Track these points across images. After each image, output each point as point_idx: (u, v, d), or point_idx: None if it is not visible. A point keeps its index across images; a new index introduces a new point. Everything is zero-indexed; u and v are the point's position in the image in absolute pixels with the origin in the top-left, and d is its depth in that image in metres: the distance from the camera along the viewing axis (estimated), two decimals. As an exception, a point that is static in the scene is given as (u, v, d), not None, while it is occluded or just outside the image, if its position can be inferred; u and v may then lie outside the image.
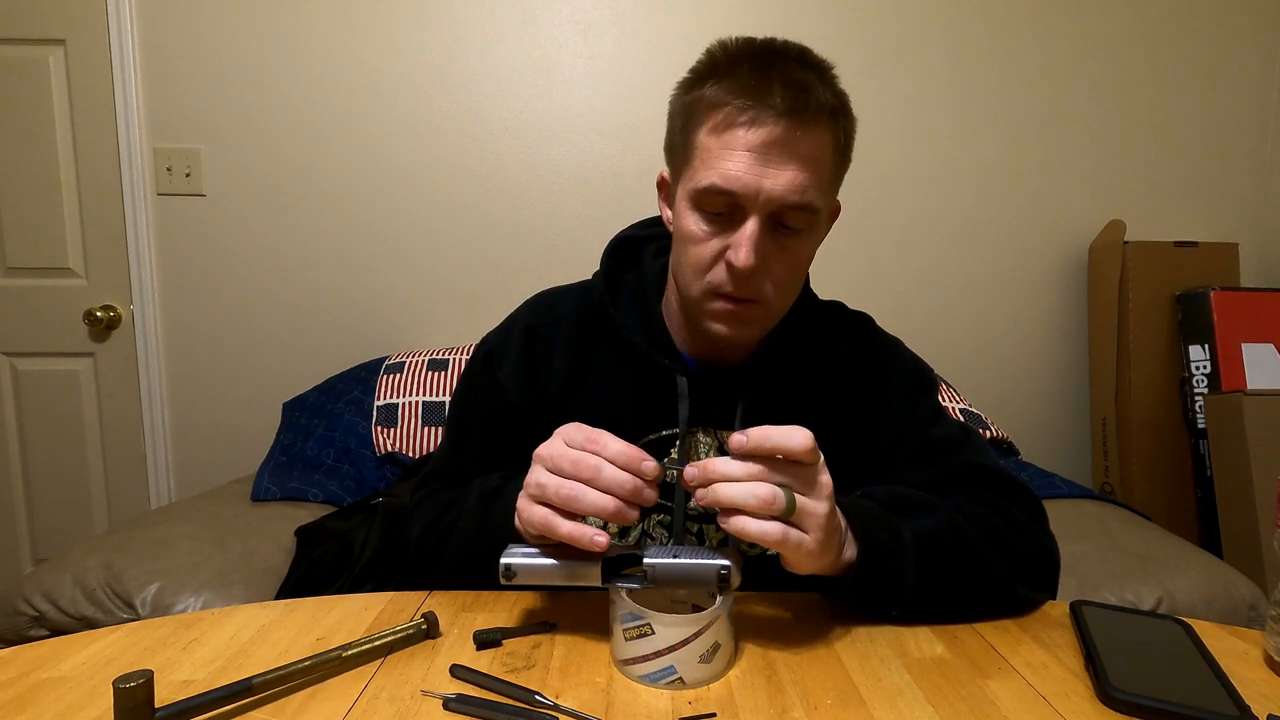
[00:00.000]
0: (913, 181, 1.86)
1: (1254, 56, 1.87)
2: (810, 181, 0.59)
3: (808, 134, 0.58)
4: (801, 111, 0.57)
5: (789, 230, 0.62)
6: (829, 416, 0.70)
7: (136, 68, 1.76)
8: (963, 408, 1.55)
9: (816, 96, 0.58)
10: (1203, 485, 1.71)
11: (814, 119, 0.58)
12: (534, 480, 0.53)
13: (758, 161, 0.58)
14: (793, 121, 0.57)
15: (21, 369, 1.85)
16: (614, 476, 0.51)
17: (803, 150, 0.58)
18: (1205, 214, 1.90)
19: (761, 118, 0.57)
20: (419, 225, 1.84)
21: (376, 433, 1.51)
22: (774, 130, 0.57)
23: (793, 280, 0.66)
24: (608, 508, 0.50)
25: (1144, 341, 1.78)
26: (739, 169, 0.58)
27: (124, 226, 1.80)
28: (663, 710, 0.48)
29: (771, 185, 0.58)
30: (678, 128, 0.65)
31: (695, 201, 0.62)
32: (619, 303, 0.72)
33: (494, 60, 1.80)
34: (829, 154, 0.61)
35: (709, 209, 0.61)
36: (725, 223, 0.61)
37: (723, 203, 0.60)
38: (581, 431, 0.53)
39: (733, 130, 0.58)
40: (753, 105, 0.58)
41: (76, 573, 1.03)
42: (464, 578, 0.66)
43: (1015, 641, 0.58)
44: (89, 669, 0.53)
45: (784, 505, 0.49)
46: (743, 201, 0.59)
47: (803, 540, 0.51)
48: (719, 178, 0.59)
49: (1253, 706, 0.46)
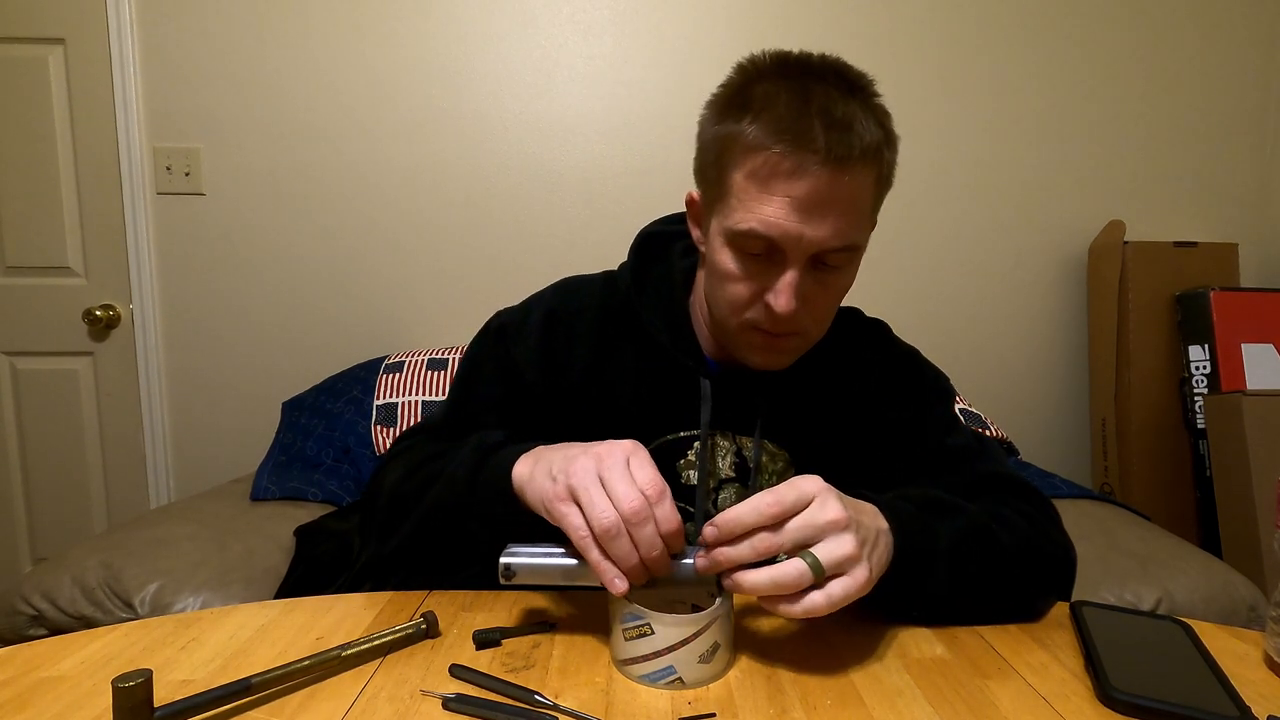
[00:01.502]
0: (912, 182, 1.86)
1: (1254, 56, 1.87)
2: (852, 224, 0.59)
3: (851, 178, 0.57)
4: (845, 159, 0.55)
5: (829, 268, 0.61)
6: (847, 424, 0.70)
7: (136, 67, 1.76)
8: (963, 408, 1.55)
9: (860, 137, 0.56)
10: (1202, 485, 1.71)
11: (858, 161, 0.57)
12: (580, 481, 0.50)
13: (799, 209, 0.56)
14: (836, 169, 0.55)
15: (21, 368, 1.85)
16: (650, 539, 0.49)
17: (845, 195, 0.57)
18: (1205, 214, 1.90)
19: (804, 166, 0.55)
20: (419, 224, 1.84)
21: (376, 432, 1.51)
22: (817, 181, 0.56)
23: (832, 312, 0.66)
24: (631, 562, 0.49)
25: (1144, 341, 1.78)
26: (779, 217, 0.57)
27: (124, 226, 1.80)
28: (662, 710, 0.48)
29: (813, 234, 0.57)
30: (711, 160, 0.63)
31: (732, 240, 0.60)
32: (645, 299, 0.71)
33: (494, 60, 1.80)
34: (871, 190, 0.61)
35: (747, 250, 0.60)
36: (764, 263, 0.60)
37: (761, 245, 0.59)
38: (645, 471, 0.50)
39: (774, 180, 0.57)
40: (794, 153, 0.55)
41: (76, 572, 1.03)
42: (431, 536, 0.63)
43: (1015, 642, 0.58)
44: (88, 668, 0.53)
45: (812, 576, 0.47)
46: (783, 246, 0.58)
47: (849, 587, 0.48)
48: (759, 224, 0.57)
49: (1252, 707, 0.46)
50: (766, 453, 0.70)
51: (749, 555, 0.49)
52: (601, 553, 0.50)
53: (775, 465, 0.71)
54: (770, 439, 0.70)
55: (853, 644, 0.57)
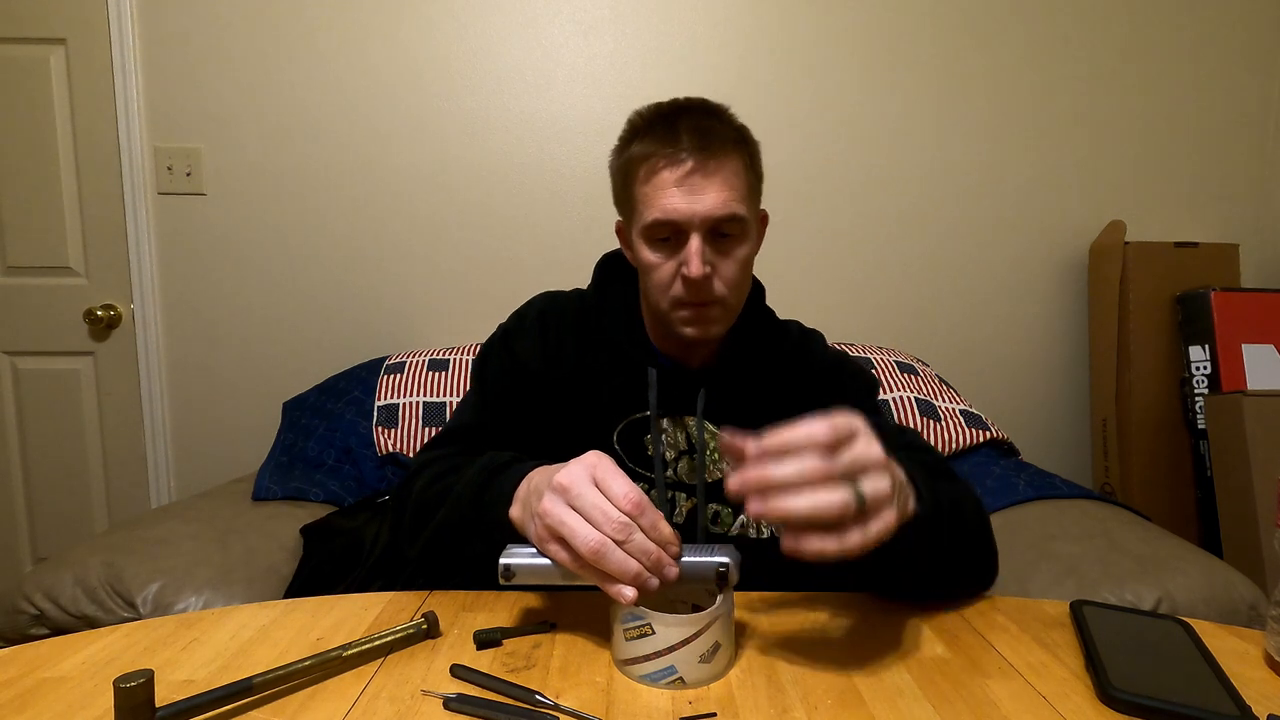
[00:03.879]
0: (912, 182, 1.86)
1: (1254, 56, 1.87)
2: (732, 197, 0.72)
3: (718, 162, 0.72)
4: (709, 147, 0.71)
5: (726, 238, 0.74)
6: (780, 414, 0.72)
7: (137, 67, 1.76)
8: (963, 408, 1.55)
9: (718, 133, 0.73)
10: (1203, 485, 1.71)
11: (720, 149, 0.72)
12: (556, 518, 0.52)
13: (685, 192, 0.71)
14: (703, 155, 0.71)
15: (22, 368, 1.86)
16: (643, 544, 0.50)
17: (717, 176, 0.72)
18: (1205, 214, 1.90)
19: (678, 159, 0.71)
20: (419, 225, 1.84)
21: (377, 433, 1.51)
22: (691, 168, 0.71)
23: (740, 279, 0.77)
24: (630, 571, 0.50)
25: (1144, 342, 1.78)
26: (672, 202, 0.71)
27: (124, 225, 1.80)
28: (663, 710, 0.48)
29: (700, 207, 0.71)
30: (620, 185, 0.79)
31: (647, 236, 0.74)
32: (607, 309, 0.85)
33: (494, 60, 1.80)
34: (741, 173, 0.74)
35: (658, 238, 0.74)
36: (674, 247, 0.74)
37: (667, 230, 0.73)
38: (617, 484, 0.51)
39: (659, 174, 0.72)
40: (670, 152, 0.71)
41: (77, 571, 1.03)
42: (443, 547, 0.68)
43: (1015, 641, 0.58)
44: (89, 669, 0.53)
45: (855, 507, 0.45)
46: (682, 226, 0.72)
47: (882, 530, 0.47)
48: (659, 213, 0.72)
49: (1253, 706, 0.46)
50: (708, 432, 0.81)
51: (794, 478, 0.45)
52: (598, 572, 0.51)
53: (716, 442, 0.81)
54: (711, 421, 0.81)
55: (853, 644, 0.57)
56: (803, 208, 1.85)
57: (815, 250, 1.86)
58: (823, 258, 1.87)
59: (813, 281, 1.87)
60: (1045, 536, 1.10)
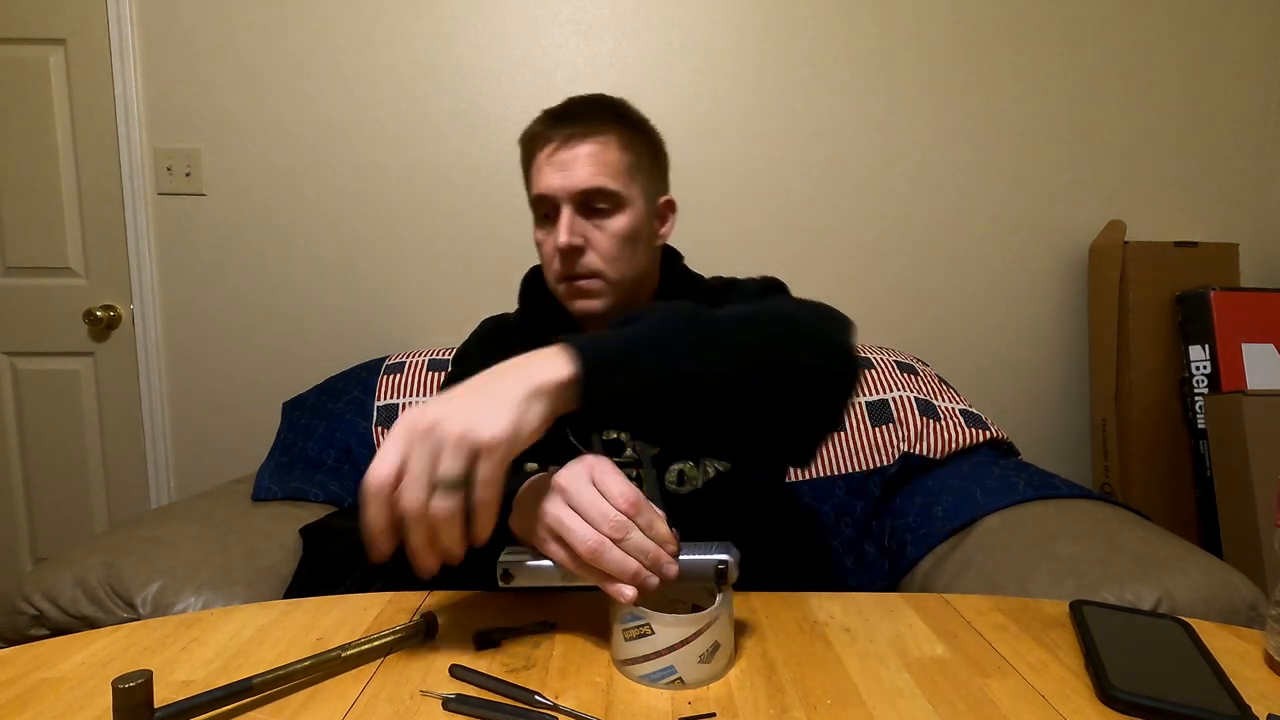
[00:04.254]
0: (912, 182, 1.86)
1: (1254, 56, 1.86)
2: (599, 170, 0.76)
3: (585, 138, 0.77)
4: (576, 124, 0.78)
5: (600, 211, 0.78)
6: None
7: (136, 68, 1.76)
8: (963, 408, 1.55)
9: (590, 115, 0.79)
10: (1203, 485, 1.70)
11: (588, 125, 0.77)
12: (554, 517, 0.52)
13: (556, 168, 0.77)
14: (570, 134, 0.77)
15: (21, 369, 1.86)
16: (641, 543, 0.50)
17: (585, 151, 0.77)
18: (1205, 214, 1.90)
19: (549, 135, 0.78)
20: (419, 225, 1.84)
21: (377, 433, 1.51)
22: (560, 142, 0.77)
23: (618, 252, 0.79)
24: (629, 570, 0.50)
25: (1144, 341, 1.78)
26: (545, 178, 0.78)
27: (124, 226, 1.80)
28: (662, 710, 0.48)
29: (567, 182, 0.76)
30: (525, 176, 0.84)
31: (534, 216, 0.81)
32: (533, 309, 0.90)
33: (494, 60, 1.80)
34: (614, 151, 0.78)
35: (541, 215, 0.80)
36: (552, 221, 0.78)
37: (546, 206, 0.78)
38: (615, 484, 0.51)
39: (536, 155, 0.80)
40: (544, 131, 0.79)
41: (77, 572, 1.03)
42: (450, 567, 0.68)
43: (1015, 641, 0.58)
44: (89, 669, 0.53)
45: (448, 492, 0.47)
46: (555, 199, 0.77)
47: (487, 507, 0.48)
48: (534, 189, 0.79)
49: (1253, 706, 0.46)
50: None
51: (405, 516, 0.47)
52: (598, 572, 0.51)
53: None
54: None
55: (853, 644, 0.57)
56: (802, 207, 1.85)
57: (814, 250, 1.86)
58: (822, 257, 1.87)
59: (812, 281, 1.87)
60: (1045, 536, 1.10)
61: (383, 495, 0.46)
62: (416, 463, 0.46)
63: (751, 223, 1.84)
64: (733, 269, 1.86)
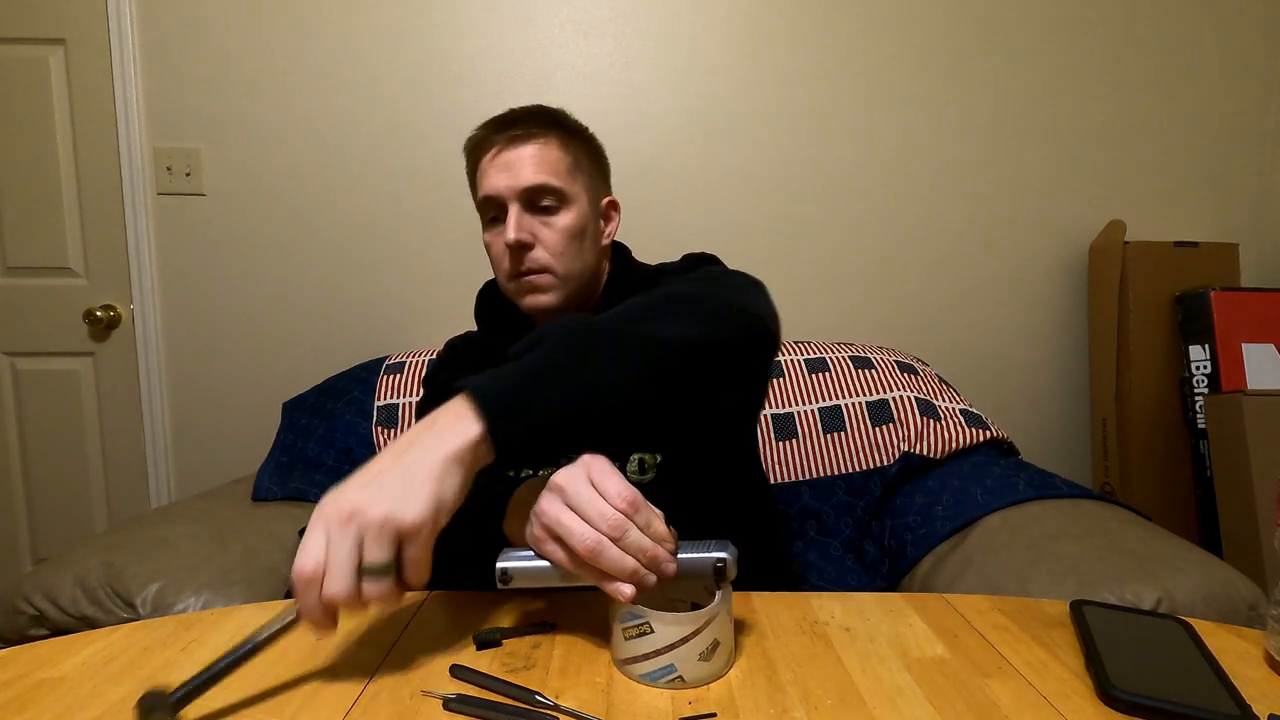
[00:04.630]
0: (912, 182, 1.86)
1: (1254, 56, 1.87)
2: (542, 169, 0.79)
3: (529, 141, 0.80)
4: (516, 127, 0.80)
5: (547, 209, 0.80)
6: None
7: (136, 67, 1.76)
8: (963, 408, 1.55)
9: (531, 120, 0.81)
10: (1203, 485, 1.70)
11: (530, 130, 0.80)
12: (553, 517, 0.52)
13: (501, 169, 0.80)
14: (512, 136, 0.80)
15: (21, 369, 1.85)
16: (639, 541, 0.50)
17: (528, 152, 0.79)
18: (1205, 214, 1.90)
19: (493, 140, 0.81)
20: (419, 225, 1.84)
21: (377, 433, 1.51)
22: (503, 145, 0.80)
23: (566, 248, 0.81)
24: (627, 568, 0.50)
25: (1144, 341, 1.78)
26: (490, 179, 0.80)
27: (124, 226, 1.80)
28: (663, 710, 0.48)
29: (511, 179, 0.79)
30: (470, 183, 0.86)
31: (482, 219, 0.83)
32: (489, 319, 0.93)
33: (494, 60, 1.80)
34: (555, 151, 0.81)
35: (489, 218, 0.82)
36: (501, 223, 0.81)
37: (493, 206, 0.81)
38: (612, 483, 0.51)
39: (481, 160, 0.82)
40: (485, 143, 0.81)
41: (77, 572, 1.03)
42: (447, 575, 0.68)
43: (1015, 641, 0.58)
44: (89, 669, 0.53)
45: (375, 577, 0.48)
46: (502, 199, 0.79)
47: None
48: (481, 190, 0.81)
49: (1253, 706, 0.46)
50: None
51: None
52: (596, 571, 0.51)
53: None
54: None
55: (853, 644, 0.57)
56: (802, 207, 1.85)
57: (814, 250, 1.86)
58: (822, 257, 1.87)
59: (813, 281, 1.87)
60: (1045, 536, 1.10)
61: (312, 588, 0.46)
62: (338, 553, 0.46)
63: (751, 222, 1.84)
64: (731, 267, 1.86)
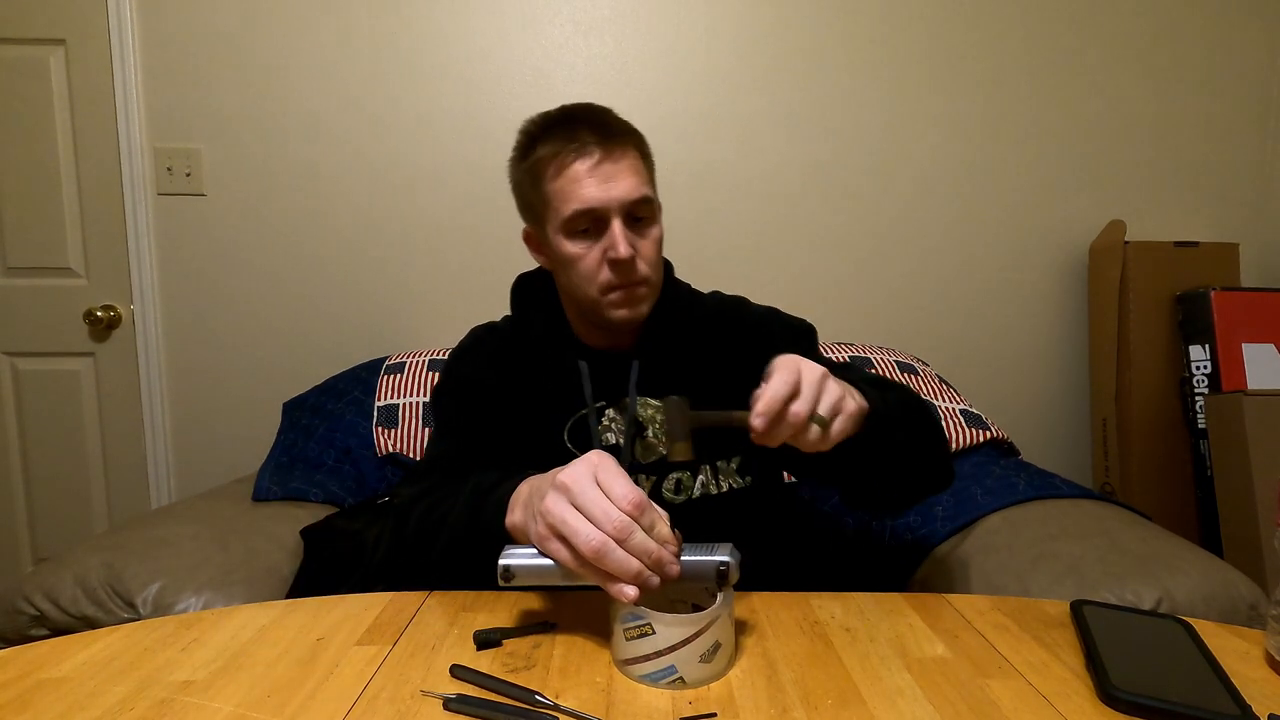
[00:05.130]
0: (912, 182, 1.86)
1: (1254, 56, 1.87)
2: (641, 180, 0.78)
3: (621, 149, 0.78)
4: (609, 136, 0.77)
5: (641, 220, 0.79)
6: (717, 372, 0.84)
7: (136, 68, 1.76)
8: (963, 408, 1.55)
9: (614, 125, 0.79)
10: (1203, 485, 1.70)
11: (620, 138, 0.78)
12: (558, 516, 0.52)
13: (598, 181, 0.76)
14: (607, 144, 0.77)
15: (21, 369, 1.85)
16: (643, 543, 0.51)
17: (623, 160, 0.77)
18: (1205, 214, 1.90)
19: (586, 151, 0.76)
20: (419, 225, 1.84)
21: (378, 433, 1.51)
22: (599, 158, 0.76)
23: (658, 258, 0.82)
24: (631, 570, 0.50)
25: (1144, 341, 1.78)
26: (589, 191, 0.76)
27: (124, 226, 1.80)
28: (663, 710, 0.48)
29: (616, 192, 0.76)
30: (528, 189, 0.83)
31: (567, 230, 0.78)
32: (531, 319, 0.90)
33: (494, 60, 1.80)
34: (640, 159, 0.80)
35: (578, 230, 0.78)
36: (594, 235, 0.78)
37: (587, 220, 0.77)
38: (618, 485, 0.52)
39: (571, 168, 0.77)
40: (577, 147, 0.76)
41: (77, 572, 1.03)
42: (455, 568, 0.69)
43: (1016, 641, 0.58)
44: (89, 669, 0.53)
45: (821, 432, 0.58)
46: (602, 213, 0.76)
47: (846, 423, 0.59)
48: (578, 203, 0.76)
49: (1253, 706, 0.46)
50: (650, 408, 0.84)
51: (790, 430, 0.57)
52: (600, 571, 0.51)
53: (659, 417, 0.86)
54: (652, 397, 0.85)
55: (853, 644, 0.57)
56: (803, 207, 1.85)
57: (815, 250, 1.86)
58: (823, 257, 1.87)
59: (813, 281, 1.87)
60: (1045, 536, 1.10)
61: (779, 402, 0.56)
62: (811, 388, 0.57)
63: (752, 223, 1.83)
64: (733, 269, 1.87)
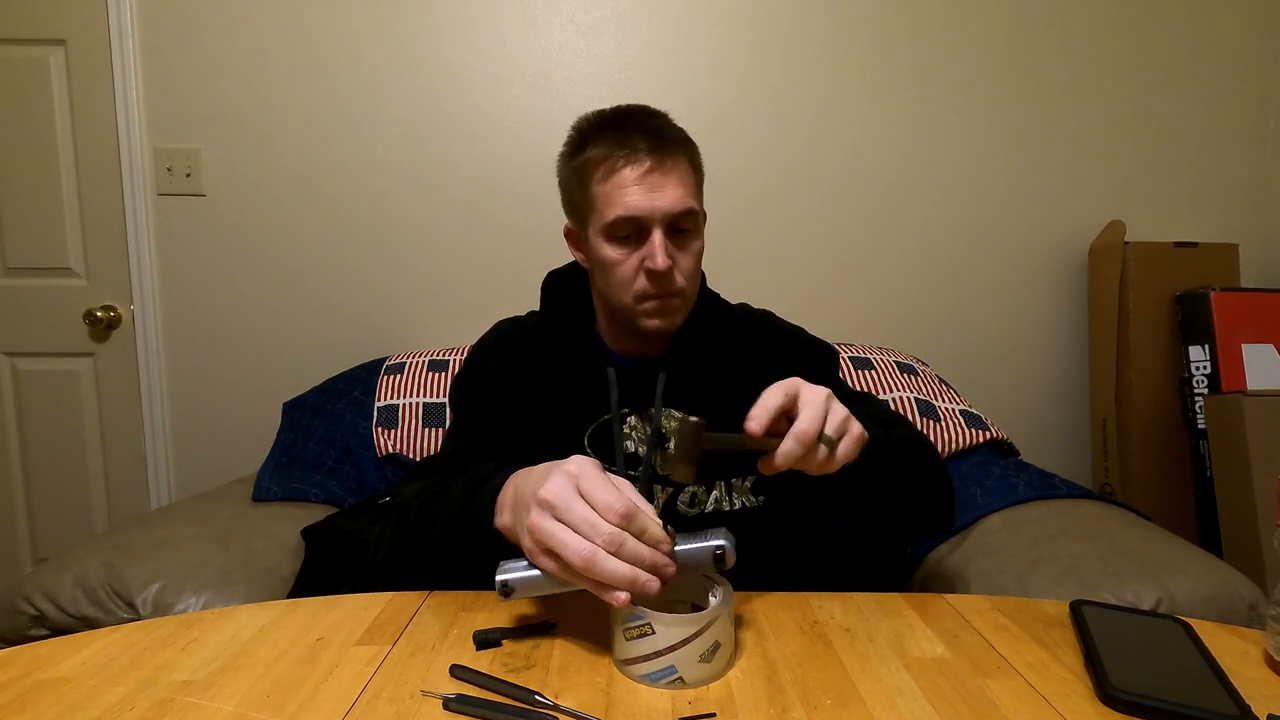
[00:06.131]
0: (912, 182, 1.86)
1: (1254, 56, 1.86)
2: (687, 193, 0.77)
3: (673, 160, 0.76)
4: (661, 145, 0.76)
5: (683, 232, 0.78)
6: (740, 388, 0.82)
7: (136, 68, 1.76)
8: (963, 408, 1.55)
9: (668, 133, 0.78)
10: (1203, 485, 1.70)
11: (672, 148, 0.77)
12: (546, 531, 0.51)
13: (644, 189, 0.75)
14: (659, 154, 0.75)
15: (21, 369, 1.85)
16: (636, 551, 0.50)
17: (673, 172, 0.76)
18: (1205, 214, 1.90)
19: (636, 158, 0.75)
20: (419, 225, 1.84)
21: (377, 434, 1.51)
22: (648, 167, 0.75)
23: (695, 271, 0.81)
24: (624, 576, 0.49)
25: (1144, 341, 1.78)
26: (634, 199, 0.75)
27: (124, 226, 1.80)
28: (663, 710, 0.48)
29: (661, 203, 0.75)
30: (574, 188, 0.81)
31: (608, 234, 0.77)
32: (561, 319, 0.88)
33: (494, 60, 1.80)
34: (690, 171, 0.79)
35: (619, 235, 0.77)
36: (635, 242, 0.77)
37: (629, 227, 0.76)
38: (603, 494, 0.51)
39: (620, 173, 0.76)
40: (627, 153, 0.75)
41: (77, 572, 1.03)
42: (448, 560, 0.69)
43: (1015, 641, 0.58)
44: (89, 669, 0.53)
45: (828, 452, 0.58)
46: (644, 222, 0.75)
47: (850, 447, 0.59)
48: (622, 210, 0.75)
49: (1253, 706, 0.46)
50: (675, 419, 0.83)
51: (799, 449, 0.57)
52: (593, 580, 0.50)
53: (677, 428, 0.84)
54: (677, 408, 0.84)
55: (853, 644, 0.57)
56: (803, 207, 1.85)
57: (815, 250, 1.86)
58: (823, 257, 1.87)
59: (813, 281, 1.87)
60: (1045, 536, 1.10)
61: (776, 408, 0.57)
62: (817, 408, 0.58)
63: (753, 223, 1.84)
64: (735, 270, 1.87)
